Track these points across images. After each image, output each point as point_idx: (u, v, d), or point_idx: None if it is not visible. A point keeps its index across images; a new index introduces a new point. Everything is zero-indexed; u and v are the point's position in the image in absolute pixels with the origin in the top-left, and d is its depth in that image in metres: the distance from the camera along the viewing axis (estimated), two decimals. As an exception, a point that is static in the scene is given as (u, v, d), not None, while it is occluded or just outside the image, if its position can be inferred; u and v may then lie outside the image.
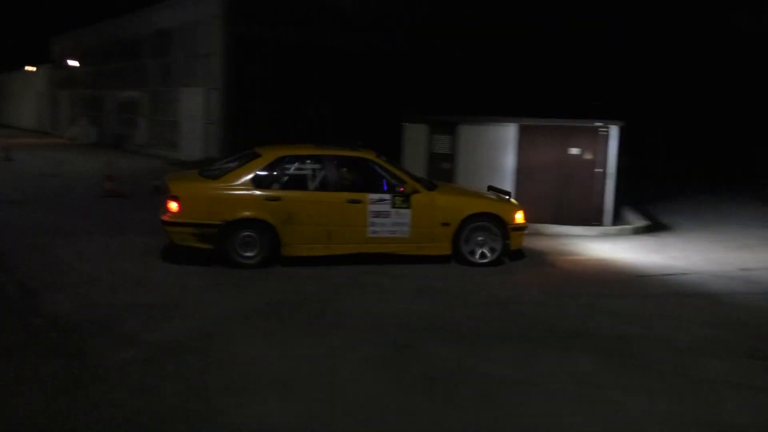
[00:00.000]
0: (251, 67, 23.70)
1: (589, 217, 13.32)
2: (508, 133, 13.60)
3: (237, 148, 23.57)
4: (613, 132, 13.18)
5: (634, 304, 8.34)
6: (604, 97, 35.56)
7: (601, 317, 7.76)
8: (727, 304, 8.54)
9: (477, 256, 10.27)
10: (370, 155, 10.37)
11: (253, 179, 9.68)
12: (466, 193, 11.05)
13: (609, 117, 13.58)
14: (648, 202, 17.09)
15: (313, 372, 5.82)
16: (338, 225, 9.81)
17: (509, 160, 13.61)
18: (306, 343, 6.49)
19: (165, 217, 9.50)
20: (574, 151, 13.27)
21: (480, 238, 10.29)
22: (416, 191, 10.10)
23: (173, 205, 9.45)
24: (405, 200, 10.02)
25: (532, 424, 5.07)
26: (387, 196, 9.99)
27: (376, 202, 9.95)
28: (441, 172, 13.94)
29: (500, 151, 13.68)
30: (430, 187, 10.48)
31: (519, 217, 10.54)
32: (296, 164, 10.02)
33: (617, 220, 14.00)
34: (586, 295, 8.65)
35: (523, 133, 13.55)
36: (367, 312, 7.58)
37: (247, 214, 9.53)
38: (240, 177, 9.69)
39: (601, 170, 13.21)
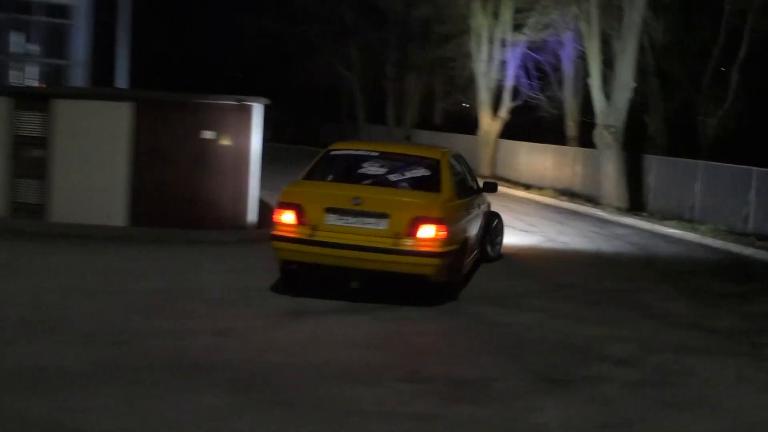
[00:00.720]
0: None
1: (230, 216, 11.93)
2: (122, 111, 11.74)
3: None
4: (257, 110, 12.06)
5: (276, 329, 7.38)
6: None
7: (235, 345, 6.69)
8: (388, 321, 7.77)
9: (491, 252, 10.53)
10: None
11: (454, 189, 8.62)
12: None
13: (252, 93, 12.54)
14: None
15: None
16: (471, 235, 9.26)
17: (123, 145, 11.69)
18: None
19: (435, 249, 7.62)
20: (209, 134, 11.97)
21: (487, 234, 10.44)
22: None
23: (433, 231, 7.59)
24: (482, 200, 10.02)
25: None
26: (477, 198, 9.76)
27: (479, 206, 9.81)
28: (31, 161, 11.57)
29: (112, 135, 11.68)
30: None
31: None
32: (454, 168, 9.15)
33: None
34: (214, 319, 7.53)
35: (143, 112, 11.78)
36: None
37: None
38: (451, 187, 8.50)
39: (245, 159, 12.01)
